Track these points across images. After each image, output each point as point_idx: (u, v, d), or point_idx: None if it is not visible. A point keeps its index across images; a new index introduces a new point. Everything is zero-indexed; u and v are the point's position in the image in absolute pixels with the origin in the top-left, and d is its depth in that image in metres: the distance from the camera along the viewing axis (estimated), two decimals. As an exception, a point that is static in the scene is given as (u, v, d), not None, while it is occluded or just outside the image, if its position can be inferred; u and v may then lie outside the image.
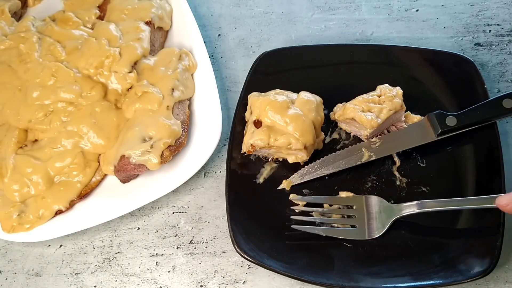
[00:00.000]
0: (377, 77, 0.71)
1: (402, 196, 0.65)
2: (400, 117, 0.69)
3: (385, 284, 0.59)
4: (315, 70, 0.74)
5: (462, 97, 0.70)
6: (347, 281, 0.59)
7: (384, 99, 0.67)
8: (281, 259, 0.62)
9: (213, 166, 0.73)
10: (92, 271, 0.67)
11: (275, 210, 0.66)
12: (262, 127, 0.66)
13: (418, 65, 0.73)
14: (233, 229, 0.63)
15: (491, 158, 0.65)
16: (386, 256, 0.62)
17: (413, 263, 0.61)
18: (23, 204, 0.68)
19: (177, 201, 0.71)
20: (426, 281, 0.58)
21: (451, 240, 0.62)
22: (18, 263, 0.69)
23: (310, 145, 0.66)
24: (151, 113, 0.70)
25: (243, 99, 0.72)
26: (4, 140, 0.72)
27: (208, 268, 0.66)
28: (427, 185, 0.66)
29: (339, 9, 0.85)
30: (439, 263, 0.60)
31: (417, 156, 0.68)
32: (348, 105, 0.67)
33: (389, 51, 0.75)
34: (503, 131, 0.71)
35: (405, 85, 0.68)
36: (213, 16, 0.86)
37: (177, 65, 0.74)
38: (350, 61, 0.75)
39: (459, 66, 0.71)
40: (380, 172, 0.67)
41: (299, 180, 0.67)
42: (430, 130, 0.66)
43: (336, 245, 0.63)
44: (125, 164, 0.66)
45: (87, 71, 0.73)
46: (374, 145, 0.67)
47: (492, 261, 0.58)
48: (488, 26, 0.81)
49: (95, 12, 0.81)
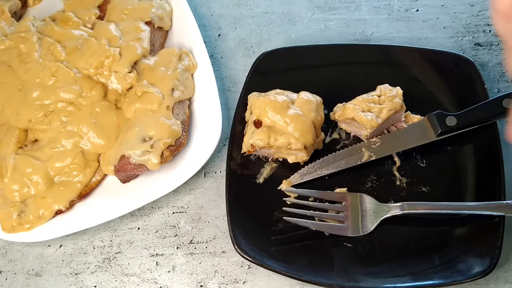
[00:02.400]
0: (377, 77, 0.71)
1: (402, 196, 0.65)
2: (400, 117, 0.69)
3: (386, 284, 0.59)
4: (315, 70, 0.74)
5: (462, 97, 0.70)
6: (347, 281, 0.59)
7: (384, 99, 0.67)
8: (281, 259, 0.62)
9: (213, 166, 0.73)
10: (92, 271, 0.67)
11: (275, 210, 0.66)
12: (262, 127, 0.66)
13: (418, 65, 0.73)
14: (233, 229, 0.63)
15: (491, 158, 0.65)
16: (387, 256, 0.62)
17: (413, 263, 0.61)
18: (23, 204, 0.68)
19: (177, 201, 0.71)
20: (427, 281, 0.58)
21: (451, 240, 0.62)
22: (18, 263, 0.69)
23: (310, 145, 0.66)
24: (151, 113, 0.70)
25: (243, 99, 0.72)
26: (4, 140, 0.72)
27: (208, 268, 0.66)
28: (427, 185, 0.66)
29: (339, 9, 0.85)
30: (439, 263, 0.60)
31: (417, 156, 0.68)
32: (348, 105, 0.67)
33: (389, 51, 0.75)
34: (503, 131, 0.70)
35: (405, 85, 0.68)
36: (213, 16, 0.87)
37: (177, 65, 0.74)
38: (350, 61, 0.74)
39: (459, 66, 0.71)
40: (380, 172, 0.67)
41: (299, 180, 0.67)
42: (430, 130, 0.66)
43: (336, 245, 0.63)
44: (125, 164, 0.66)
45: (87, 71, 0.73)
46: (374, 145, 0.67)
47: (492, 261, 0.58)
48: (488, 26, 0.80)
49: (95, 12, 0.81)
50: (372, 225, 0.63)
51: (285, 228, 0.64)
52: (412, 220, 0.63)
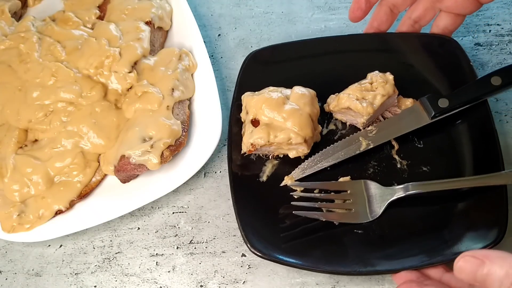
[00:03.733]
0: (365, 65, 0.72)
1: (404, 178, 0.66)
2: (393, 101, 0.70)
3: (401, 265, 0.59)
4: (304, 65, 0.75)
5: (450, 76, 0.71)
6: (363, 267, 0.60)
7: (376, 86, 0.68)
8: (295, 254, 0.62)
9: (213, 166, 0.73)
10: (92, 271, 0.67)
11: (283, 207, 0.66)
12: (260, 126, 0.66)
13: (404, 50, 0.74)
14: (244, 230, 0.62)
15: (485, 132, 0.66)
16: (398, 237, 0.62)
17: (424, 241, 0.61)
18: (23, 204, 0.68)
19: (177, 201, 0.71)
20: (441, 257, 0.59)
21: (458, 214, 0.63)
22: (18, 263, 0.69)
23: (310, 138, 0.66)
24: (151, 113, 0.70)
25: (236, 100, 0.72)
26: (4, 140, 0.72)
27: (208, 268, 0.66)
28: (427, 164, 0.67)
29: (339, 9, 0.85)
30: (449, 238, 0.61)
31: (414, 138, 0.69)
32: (342, 95, 0.68)
33: (374, 39, 0.76)
34: (503, 131, 0.71)
35: (394, 70, 0.69)
36: (213, 16, 0.87)
37: (177, 65, 0.74)
38: (337, 53, 0.75)
39: (444, 47, 0.73)
40: (380, 157, 0.68)
41: (301, 175, 0.67)
42: (424, 114, 0.67)
43: (346, 233, 0.63)
44: (125, 164, 0.66)
45: (87, 71, 0.73)
46: (371, 133, 0.68)
47: (501, 229, 0.59)
48: (488, 26, 0.81)
49: (95, 12, 0.81)
50: (380, 209, 0.63)
51: (294, 223, 0.64)
52: (417, 200, 0.64)
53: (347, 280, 0.63)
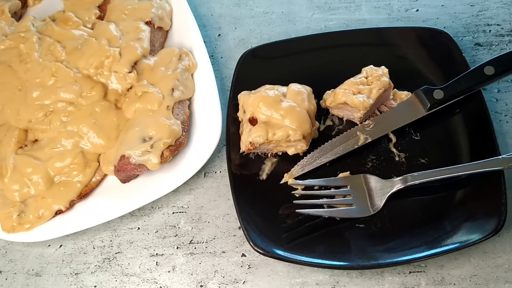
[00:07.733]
0: (359, 60, 0.72)
1: (403, 170, 0.67)
2: (388, 95, 0.70)
3: (404, 257, 0.60)
4: (298, 63, 0.76)
5: (443, 68, 0.72)
6: (367, 260, 0.60)
7: (372, 80, 0.68)
8: (298, 250, 0.62)
9: (213, 166, 0.73)
10: (92, 271, 0.67)
11: (284, 204, 0.66)
12: (258, 124, 0.66)
13: (397, 43, 0.75)
14: (246, 229, 0.63)
15: (481, 121, 0.67)
16: (399, 230, 0.63)
17: (426, 233, 0.62)
18: (23, 204, 0.68)
19: (177, 201, 0.71)
20: (443, 247, 0.59)
21: (457, 204, 0.63)
22: (18, 263, 0.69)
23: (308, 134, 0.67)
24: (151, 113, 0.70)
25: (232, 100, 0.72)
26: (4, 140, 0.72)
27: (208, 268, 0.66)
28: (425, 156, 0.67)
29: (339, 9, 0.85)
30: (450, 228, 0.61)
31: (411, 131, 0.69)
32: (338, 90, 0.68)
33: (366, 34, 0.76)
34: (502, 131, 0.71)
35: (388, 64, 0.70)
36: (213, 16, 0.87)
37: (177, 65, 0.74)
38: (331, 48, 0.76)
39: (436, 39, 0.74)
40: (378, 151, 0.69)
41: (300, 172, 0.67)
42: (419, 106, 0.68)
43: (349, 228, 0.63)
44: (125, 164, 0.66)
45: (87, 71, 0.73)
46: (368, 128, 0.69)
47: (501, 217, 0.59)
48: (488, 26, 0.81)
49: (95, 12, 0.81)
50: (380, 202, 0.63)
51: (296, 221, 0.64)
52: (417, 192, 0.64)
53: (347, 280, 0.63)
